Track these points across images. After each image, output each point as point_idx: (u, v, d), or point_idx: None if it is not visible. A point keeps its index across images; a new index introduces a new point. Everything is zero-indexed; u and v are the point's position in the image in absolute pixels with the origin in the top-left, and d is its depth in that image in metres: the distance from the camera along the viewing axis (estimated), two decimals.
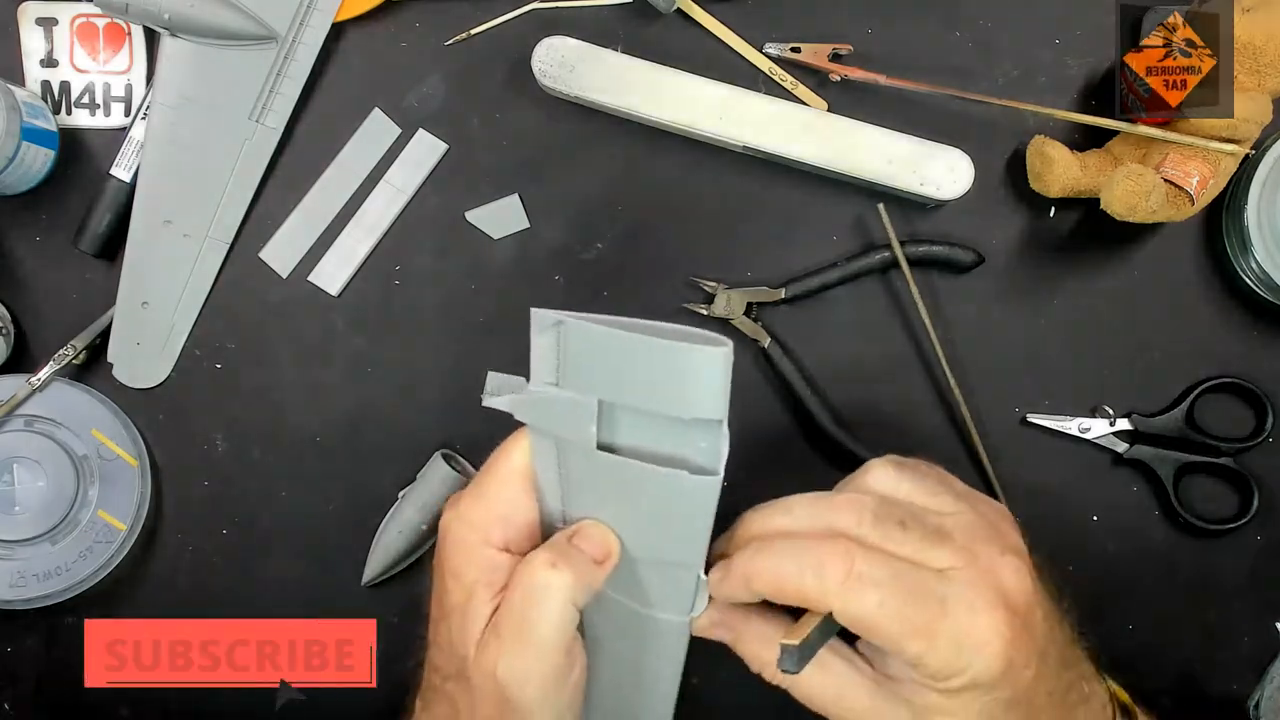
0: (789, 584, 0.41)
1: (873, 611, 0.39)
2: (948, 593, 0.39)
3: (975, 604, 0.39)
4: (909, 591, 0.39)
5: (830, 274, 0.64)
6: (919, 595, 0.39)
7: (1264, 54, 0.57)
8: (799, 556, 0.40)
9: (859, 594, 0.39)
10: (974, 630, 0.39)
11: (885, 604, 0.39)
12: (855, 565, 0.39)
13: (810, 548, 0.40)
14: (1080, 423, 0.65)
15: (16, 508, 0.62)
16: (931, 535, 0.41)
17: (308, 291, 0.65)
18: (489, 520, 0.45)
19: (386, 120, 0.65)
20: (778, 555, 0.41)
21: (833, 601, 0.40)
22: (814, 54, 0.64)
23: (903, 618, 0.39)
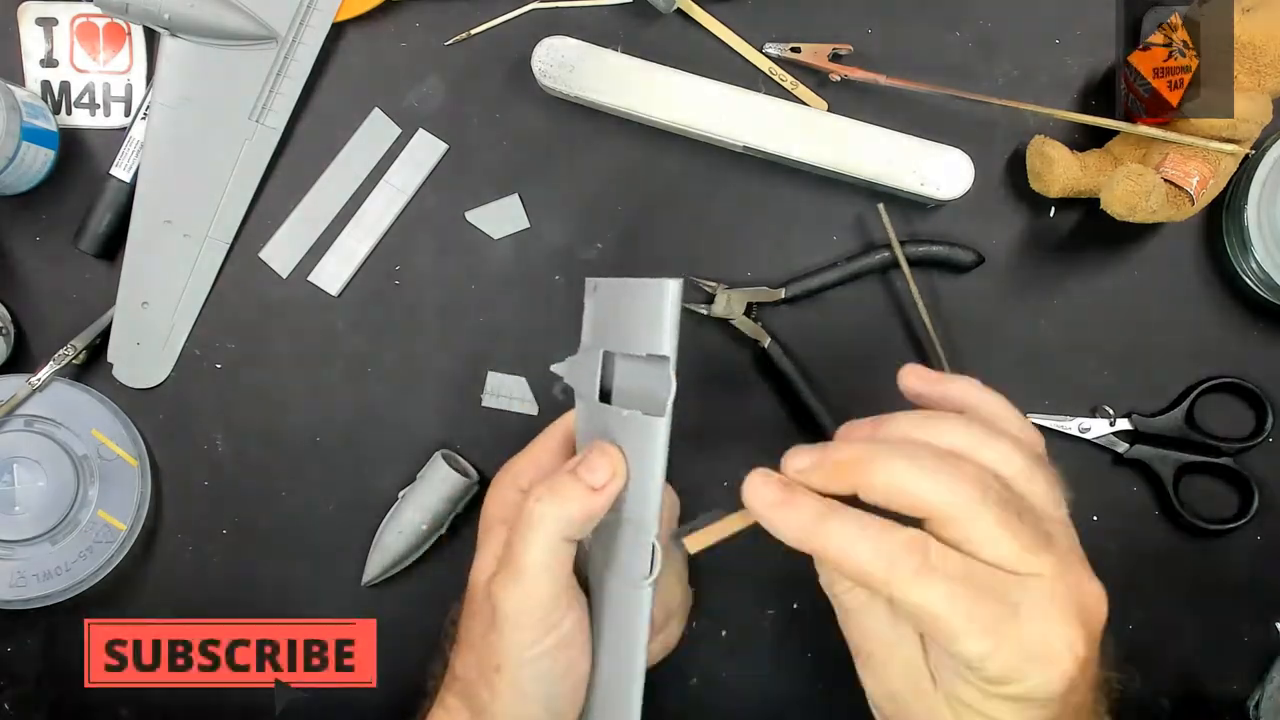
0: (853, 567, 0.39)
1: (938, 603, 0.37)
2: (1024, 598, 0.38)
3: (1054, 615, 0.38)
4: (981, 588, 0.38)
5: (830, 274, 0.64)
6: (991, 594, 0.38)
7: (1264, 54, 0.57)
8: (876, 539, 0.38)
9: (926, 587, 0.38)
10: (1048, 641, 0.38)
11: (955, 597, 0.37)
12: (930, 557, 0.38)
13: (887, 535, 0.38)
14: (1080, 423, 0.65)
15: (17, 508, 0.62)
16: (1039, 537, 0.39)
17: (308, 291, 0.65)
18: (522, 467, 0.50)
19: (386, 120, 0.65)
20: (853, 528, 0.39)
21: (895, 589, 0.38)
22: (814, 54, 0.64)
23: (970, 615, 0.37)
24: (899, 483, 0.39)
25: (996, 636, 0.37)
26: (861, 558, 0.38)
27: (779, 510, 0.40)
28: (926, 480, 0.38)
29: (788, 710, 0.66)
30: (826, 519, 0.39)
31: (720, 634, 0.66)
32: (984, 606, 0.37)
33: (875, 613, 0.42)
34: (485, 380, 0.65)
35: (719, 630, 0.66)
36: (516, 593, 0.46)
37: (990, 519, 0.38)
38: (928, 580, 0.37)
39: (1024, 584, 0.38)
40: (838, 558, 0.39)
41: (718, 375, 0.65)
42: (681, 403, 0.65)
